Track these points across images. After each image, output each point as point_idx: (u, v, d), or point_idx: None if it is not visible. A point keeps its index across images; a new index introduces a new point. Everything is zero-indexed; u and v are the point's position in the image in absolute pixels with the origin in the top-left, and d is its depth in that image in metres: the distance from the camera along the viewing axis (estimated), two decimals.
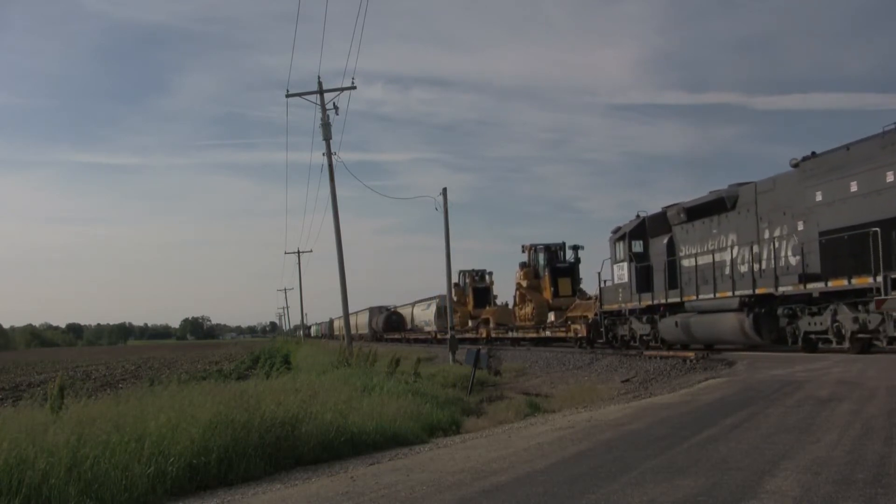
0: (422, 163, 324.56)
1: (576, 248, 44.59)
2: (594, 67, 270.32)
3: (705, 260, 24.66)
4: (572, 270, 44.14)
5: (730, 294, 22.58)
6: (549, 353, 33.15)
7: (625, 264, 29.02)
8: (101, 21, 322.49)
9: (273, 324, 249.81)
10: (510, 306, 50.30)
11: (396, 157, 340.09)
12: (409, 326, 76.35)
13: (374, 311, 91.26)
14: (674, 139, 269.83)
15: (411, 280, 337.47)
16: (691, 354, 22.28)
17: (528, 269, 45.35)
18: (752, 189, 22.73)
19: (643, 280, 27.84)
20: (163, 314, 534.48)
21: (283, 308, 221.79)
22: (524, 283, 45.10)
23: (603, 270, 30.97)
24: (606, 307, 30.72)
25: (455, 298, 56.94)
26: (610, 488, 6.91)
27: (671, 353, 24.46)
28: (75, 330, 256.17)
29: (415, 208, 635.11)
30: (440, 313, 61.13)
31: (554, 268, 43.91)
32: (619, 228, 30.15)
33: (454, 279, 58.09)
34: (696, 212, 25.51)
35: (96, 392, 20.67)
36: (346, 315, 38.26)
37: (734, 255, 23.23)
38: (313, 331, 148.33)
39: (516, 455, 9.35)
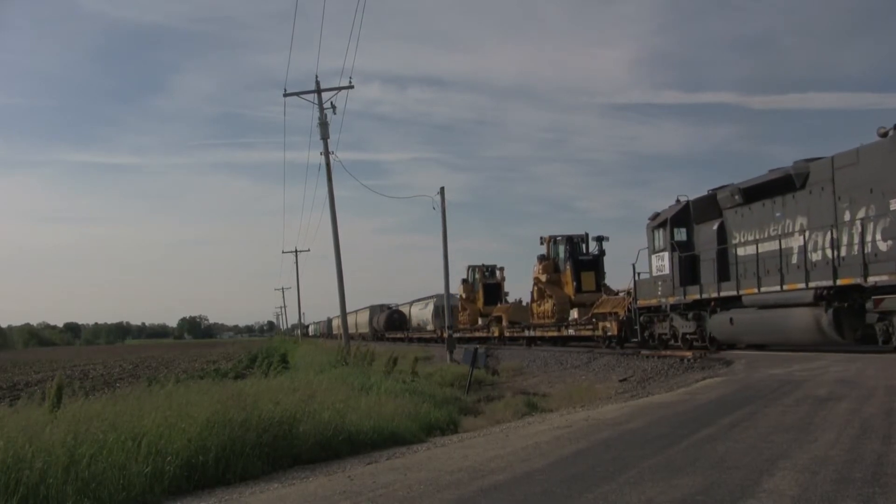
0: (419, 162, 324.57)
1: (600, 239, 40.33)
2: (591, 67, 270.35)
3: (768, 247, 21.46)
4: (597, 263, 39.91)
5: (802, 286, 19.58)
6: (546, 353, 33.13)
7: (665, 254, 25.89)
8: (98, 21, 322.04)
9: (271, 323, 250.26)
10: (523, 303, 47.21)
11: (394, 156, 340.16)
12: (411, 326, 74.74)
13: (375, 310, 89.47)
14: (671, 139, 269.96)
15: (410, 279, 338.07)
16: (689, 354, 22.26)
17: (548, 262, 41.03)
18: (828, 164, 19.53)
19: (688, 272, 24.86)
20: (160, 313, 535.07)
21: (281, 307, 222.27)
22: (543, 278, 40.84)
23: (638, 262, 27.94)
24: (642, 302, 27.50)
25: (464, 295, 55.91)
26: (608, 487, 6.90)
27: (669, 352, 24.36)
28: (73, 329, 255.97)
29: (413, 208, 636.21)
30: (438, 313, 60.57)
31: (577, 260, 39.71)
32: (657, 214, 26.90)
33: (463, 275, 57.50)
34: (755, 192, 22.31)
35: (94, 391, 20.65)
36: (344, 314, 38.27)
37: (805, 240, 20.00)
38: (311, 330, 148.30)
39: (514, 454, 9.34)
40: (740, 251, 22.70)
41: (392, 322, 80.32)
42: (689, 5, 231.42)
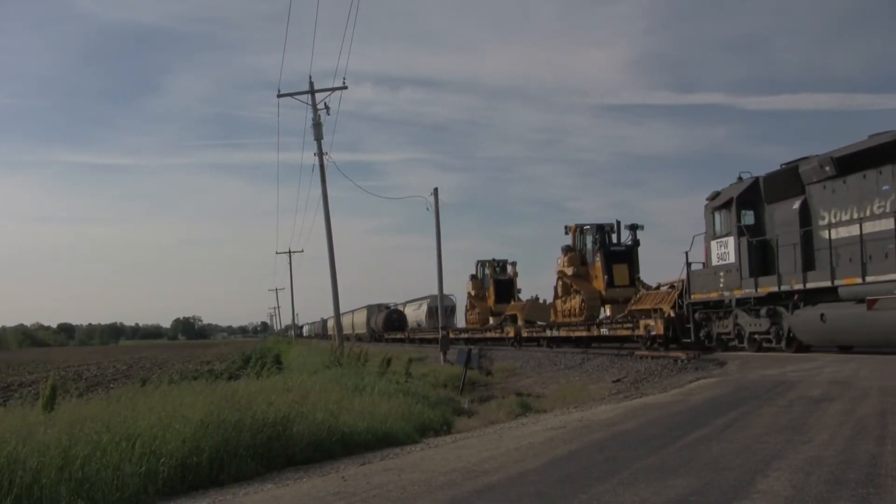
0: (413, 163, 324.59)
1: (634, 227, 35.73)
2: (584, 68, 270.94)
3: (874, 227, 17.71)
4: (630, 255, 35.35)
5: None
6: (540, 354, 33.11)
7: (730, 240, 22.32)
8: (91, 22, 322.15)
9: (265, 324, 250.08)
10: (539, 300, 43.78)
11: (387, 157, 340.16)
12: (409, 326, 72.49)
13: (372, 310, 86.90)
14: (664, 139, 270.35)
15: (405, 280, 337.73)
16: (682, 354, 22.18)
17: (574, 253, 36.85)
18: None
19: (759, 259, 21.34)
20: (154, 314, 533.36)
21: (275, 308, 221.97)
22: (569, 271, 36.74)
23: (692, 249, 24.61)
24: (698, 297, 23.93)
25: (473, 292, 53.65)
26: (601, 488, 6.90)
27: (662, 353, 24.29)
28: (67, 330, 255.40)
29: (407, 208, 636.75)
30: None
31: (608, 252, 35.25)
32: (717, 193, 23.43)
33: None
34: (853, 162, 18.44)
35: (88, 392, 20.65)
36: (338, 314, 38.24)
37: None
38: (306, 331, 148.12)
39: (508, 455, 9.35)
40: (834, 233, 18.83)
41: (391, 322, 78.01)
42: (681, 6, 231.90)
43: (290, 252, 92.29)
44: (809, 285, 19.21)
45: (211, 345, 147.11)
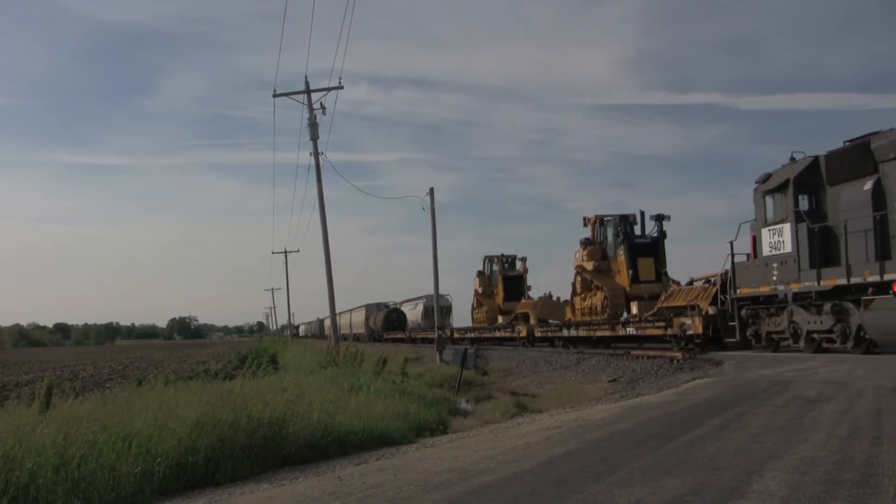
0: (407, 163, 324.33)
1: (660, 218, 32.15)
2: (579, 68, 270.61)
3: None
4: (656, 247, 31.91)
5: None
6: (536, 354, 33.10)
7: (786, 227, 19.84)
8: (86, 22, 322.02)
9: (261, 324, 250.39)
10: (552, 297, 41.01)
11: (382, 157, 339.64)
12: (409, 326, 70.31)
13: (371, 309, 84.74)
14: (659, 139, 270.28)
15: (401, 280, 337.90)
16: (678, 354, 22.19)
17: (594, 247, 33.59)
18: None
19: (820, 249, 18.84)
20: (150, 314, 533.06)
21: (271, 308, 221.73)
22: (588, 266, 33.53)
23: (738, 238, 22.29)
24: (746, 291, 21.55)
25: (480, 290, 51.18)
26: (597, 488, 6.91)
27: (658, 352, 24.27)
28: (63, 330, 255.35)
29: (402, 208, 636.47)
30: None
31: (632, 244, 31.87)
32: (769, 176, 20.85)
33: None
34: None
35: (83, 392, 20.61)
36: (333, 313, 38.22)
37: None
38: (302, 330, 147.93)
39: (503, 455, 9.35)
40: None
41: (391, 322, 75.90)
42: (676, 6, 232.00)
43: (285, 252, 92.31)
44: (887, 277, 16.67)
45: (207, 345, 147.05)
